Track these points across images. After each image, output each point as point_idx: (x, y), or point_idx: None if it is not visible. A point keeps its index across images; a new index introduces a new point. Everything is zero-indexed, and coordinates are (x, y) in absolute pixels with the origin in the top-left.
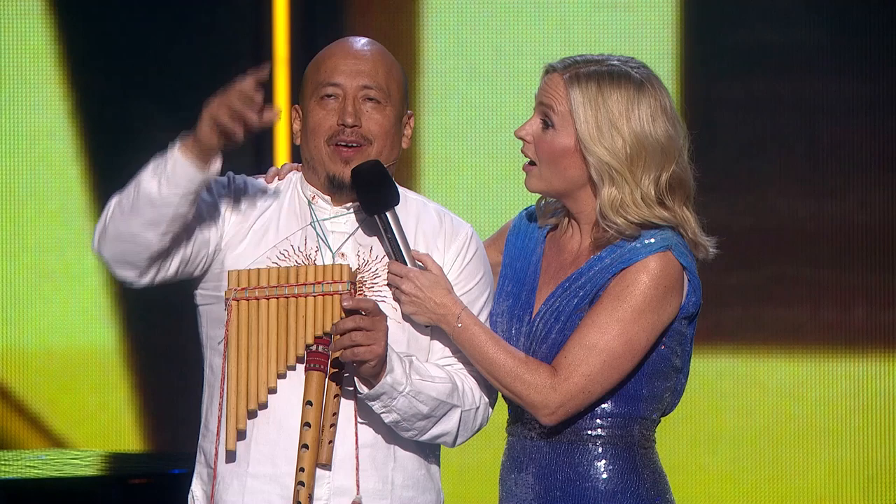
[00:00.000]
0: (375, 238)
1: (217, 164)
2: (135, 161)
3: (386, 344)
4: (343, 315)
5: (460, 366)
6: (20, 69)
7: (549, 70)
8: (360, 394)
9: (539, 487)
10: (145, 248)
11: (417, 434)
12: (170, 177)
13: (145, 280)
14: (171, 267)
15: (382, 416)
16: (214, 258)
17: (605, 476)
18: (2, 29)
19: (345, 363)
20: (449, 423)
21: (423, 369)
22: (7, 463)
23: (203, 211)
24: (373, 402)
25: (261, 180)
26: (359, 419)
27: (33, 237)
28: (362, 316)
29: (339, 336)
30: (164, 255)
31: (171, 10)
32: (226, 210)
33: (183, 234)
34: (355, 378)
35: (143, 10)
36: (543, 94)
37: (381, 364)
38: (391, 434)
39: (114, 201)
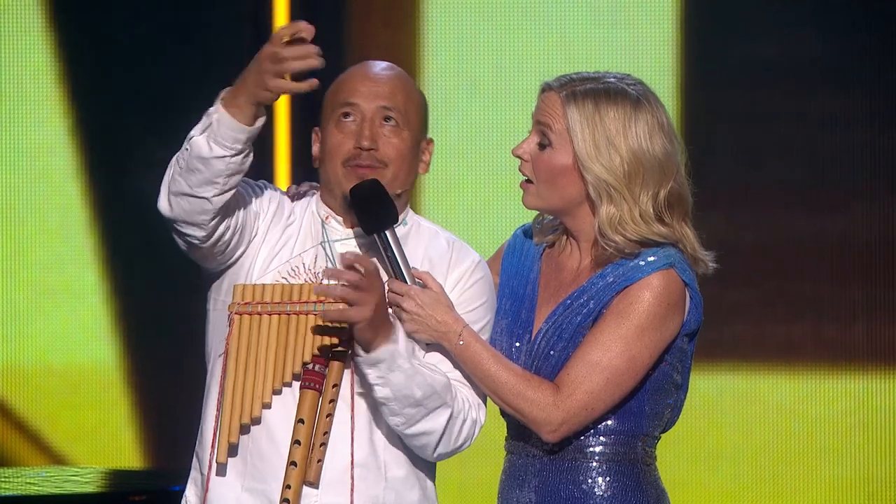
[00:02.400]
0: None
1: (261, 119)
2: (135, 177)
3: (380, 311)
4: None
5: (456, 382)
6: (20, 86)
7: (546, 88)
8: (359, 356)
9: None
10: (207, 206)
11: (404, 423)
12: (217, 135)
13: (209, 242)
14: (229, 232)
15: (376, 388)
16: (244, 252)
17: (608, 493)
18: (2, 46)
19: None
20: (436, 421)
21: (423, 360)
22: (7, 480)
23: (255, 197)
24: (370, 369)
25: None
26: (354, 440)
27: (33, 254)
28: (360, 274)
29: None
30: (225, 214)
31: (172, 26)
32: (263, 218)
33: (241, 202)
34: (354, 342)
35: (143, 27)
36: (540, 113)
37: (375, 331)
38: (383, 455)
39: (174, 160)
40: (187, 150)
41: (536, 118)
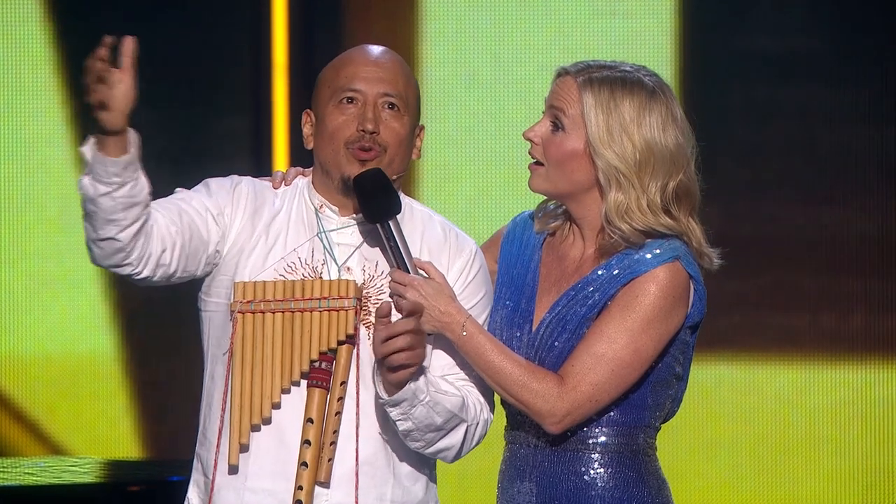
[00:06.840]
0: (381, 253)
1: (131, 147)
2: None
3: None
4: (349, 328)
5: (462, 382)
6: (19, 75)
7: (562, 73)
8: (381, 399)
9: (543, 496)
10: (117, 245)
11: (424, 446)
12: (94, 173)
13: (145, 272)
14: (173, 262)
15: (398, 423)
16: (219, 262)
17: (610, 484)
18: (1, 35)
19: (374, 368)
20: (455, 437)
21: (436, 382)
22: (6, 470)
23: (199, 209)
24: (392, 409)
25: (267, 183)
26: (359, 437)
27: (32, 244)
28: (412, 319)
29: (388, 337)
30: (143, 244)
31: (171, 17)
32: (230, 213)
33: (177, 228)
34: (378, 383)
35: (141, 18)
36: (555, 97)
37: (409, 376)
38: (391, 452)
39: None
40: (81, 196)
41: (550, 102)
